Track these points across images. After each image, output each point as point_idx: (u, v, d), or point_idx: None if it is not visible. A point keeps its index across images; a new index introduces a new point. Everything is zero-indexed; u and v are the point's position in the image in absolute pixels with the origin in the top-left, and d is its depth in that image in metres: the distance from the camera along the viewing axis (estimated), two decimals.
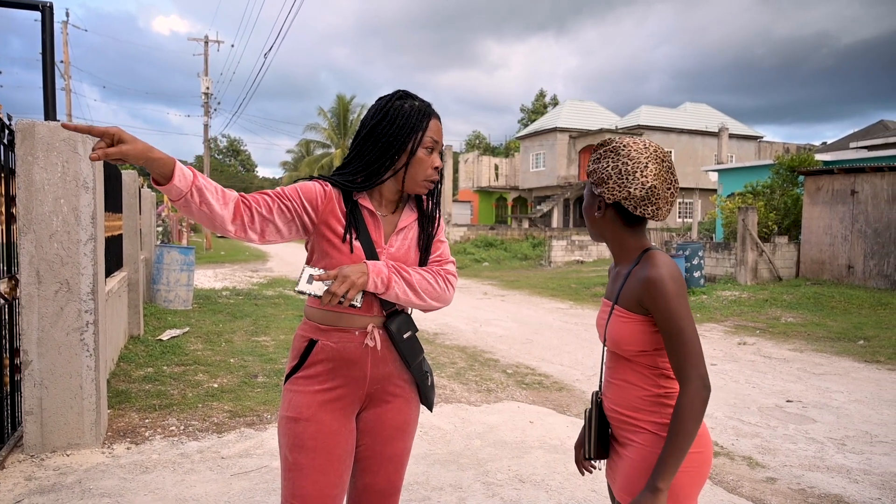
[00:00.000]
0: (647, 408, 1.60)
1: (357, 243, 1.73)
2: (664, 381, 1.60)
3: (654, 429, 1.58)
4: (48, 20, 3.96)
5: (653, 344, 1.58)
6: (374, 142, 1.74)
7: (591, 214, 1.70)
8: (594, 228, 1.72)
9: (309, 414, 1.72)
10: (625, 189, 1.58)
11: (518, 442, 4.15)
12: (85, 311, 3.75)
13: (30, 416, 3.69)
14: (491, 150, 55.15)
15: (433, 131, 1.75)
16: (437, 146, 1.77)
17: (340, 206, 1.75)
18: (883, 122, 28.37)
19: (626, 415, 1.63)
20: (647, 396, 1.60)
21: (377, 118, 1.74)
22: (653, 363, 1.60)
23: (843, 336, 8.25)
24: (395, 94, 1.79)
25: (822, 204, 12.90)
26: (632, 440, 1.62)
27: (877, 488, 3.56)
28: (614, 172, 1.59)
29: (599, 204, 1.66)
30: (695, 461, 1.57)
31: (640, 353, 1.59)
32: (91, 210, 3.77)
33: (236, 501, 3.18)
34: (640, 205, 1.59)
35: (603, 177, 1.61)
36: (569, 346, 7.67)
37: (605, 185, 1.61)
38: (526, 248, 23.45)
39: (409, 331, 1.81)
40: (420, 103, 1.77)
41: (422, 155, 1.74)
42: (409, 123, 1.72)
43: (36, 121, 3.66)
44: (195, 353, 6.53)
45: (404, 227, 1.83)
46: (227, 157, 79.26)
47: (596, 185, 1.64)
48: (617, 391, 1.66)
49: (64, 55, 29.20)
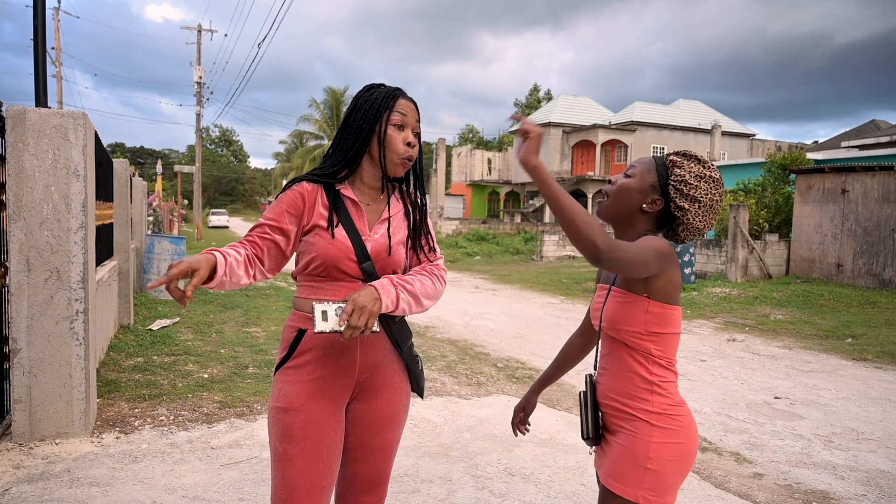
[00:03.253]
0: (639, 395, 1.62)
1: (340, 231, 1.74)
2: (657, 368, 1.62)
3: (645, 416, 1.61)
4: (40, 6, 3.92)
5: (647, 326, 1.59)
6: (348, 131, 1.80)
7: (633, 198, 1.67)
8: (622, 207, 1.68)
9: (298, 404, 1.73)
10: (703, 221, 1.64)
11: (508, 435, 4.16)
12: (75, 300, 3.73)
13: (18, 405, 3.67)
14: (484, 143, 55.12)
15: (401, 108, 1.78)
16: (407, 122, 1.79)
17: (322, 200, 1.77)
18: (875, 122, 28.53)
19: (618, 401, 1.65)
20: (640, 384, 1.62)
21: (350, 109, 1.82)
22: (646, 349, 1.61)
23: (831, 334, 8.32)
24: (366, 86, 1.84)
25: (813, 202, 12.98)
26: (622, 427, 1.64)
27: (862, 485, 3.60)
28: (709, 202, 1.63)
29: (656, 201, 1.66)
30: (679, 451, 1.59)
31: (635, 334, 1.61)
32: (82, 198, 3.74)
33: (226, 491, 3.18)
34: (691, 233, 1.66)
35: (696, 197, 1.62)
36: (559, 340, 7.70)
37: (693, 205, 1.63)
38: (518, 243, 23.48)
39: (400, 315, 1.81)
40: (388, 88, 1.81)
41: (392, 133, 1.76)
42: (375, 106, 1.77)
43: (27, 107, 3.63)
44: (185, 343, 6.50)
45: (389, 216, 1.83)
46: (219, 147, 78.86)
47: (681, 195, 1.63)
48: (610, 378, 1.68)
49: (55, 42, 28.92)
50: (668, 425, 1.60)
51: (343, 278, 1.75)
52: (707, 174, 1.63)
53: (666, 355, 1.63)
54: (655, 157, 1.71)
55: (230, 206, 66.02)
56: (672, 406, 1.62)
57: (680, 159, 1.67)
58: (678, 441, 1.59)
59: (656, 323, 1.60)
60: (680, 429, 1.61)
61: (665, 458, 1.57)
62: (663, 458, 1.57)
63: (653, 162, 1.70)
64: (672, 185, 1.65)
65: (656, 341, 1.61)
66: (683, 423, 1.62)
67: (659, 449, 1.58)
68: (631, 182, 1.68)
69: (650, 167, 1.68)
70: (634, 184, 1.67)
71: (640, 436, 1.59)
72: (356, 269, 1.75)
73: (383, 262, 1.78)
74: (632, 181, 1.68)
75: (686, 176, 1.63)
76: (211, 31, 30.11)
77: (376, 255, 1.77)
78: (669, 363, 1.64)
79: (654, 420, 1.59)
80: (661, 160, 1.70)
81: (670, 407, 1.61)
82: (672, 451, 1.58)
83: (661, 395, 1.61)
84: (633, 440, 1.60)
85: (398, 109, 1.77)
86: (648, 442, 1.58)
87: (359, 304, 1.59)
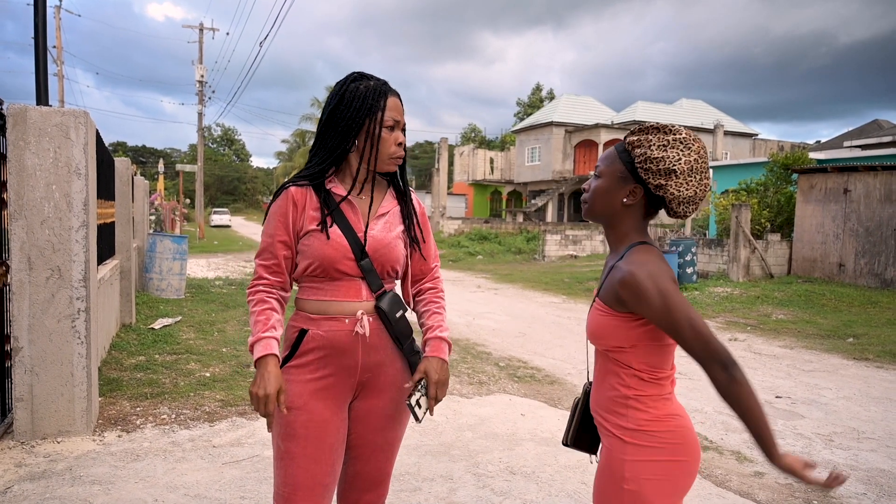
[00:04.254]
0: (614, 409, 1.53)
1: (335, 230, 1.74)
2: (636, 382, 1.51)
3: (618, 432, 1.51)
4: (41, 5, 3.92)
5: (630, 341, 1.49)
6: (333, 127, 1.75)
7: (610, 198, 1.56)
8: (604, 211, 1.58)
9: (300, 403, 1.73)
10: (691, 188, 1.48)
11: (509, 434, 4.16)
12: (76, 299, 3.74)
13: (20, 403, 3.68)
14: (486, 143, 55.07)
15: (392, 109, 1.75)
16: (397, 124, 1.77)
17: (313, 202, 1.76)
18: (877, 122, 28.48)
19: (599, 414, 1.58)
20: (616, 397, 1.53)
21: (334, 103, 1.76)
22: (627, 361, 1.51)
23: (832, 333, 8.31)
24: (349, 76, 1.79)
25: (815, 202, 12.96)
26: (603, 443, 1.57)
27: (863, 484, 3.59)
28: (686, 167, 1.47)
29: (634, 191, 1.53)
30: (661, 470, 1.49)
31: (616, 348, 1.52)
32: (83, 197, 3.74)
33: (227, 490, 3.18)
34: (684, 204, 1.50)
35: (669, 168, 1.47)
36: (561, 340, 7.70)
37: (670, 178, 1.48)
38: (520, 242, 23.45)
39: (400, 310, 1.81)
40: (375, 83, 1.77)
41: (384, 135, 1.74)
42: (365, 104, 1.73)
43: (28, 105, 3.63)
44: (187, 342, 6.51)
45: (385, 212, 1.83)
46: (221, 146, 78.89)
47: (652, 173, 1.49)
48: (595, 390, 1.61)
49: (57, 40, 28.94)
50: (643, 442, 1.48)
51: (341, 277, 1.75)
52: (671, 139, 1.48)
53: (651, 368, 1.51)
54: (616, 146, 1.58)
55: (232, 206, 66.08)
56: (650, 422, 1.49)
57: (637, 137, 1.53)
58: (657, 459, 1.48)
59: (639, 337, 1.49)
60: (664, 446, 1.48)
61: (642, 478, 1.47)
62: (640, 478, 1.47)
63: (614, 152, 1.57)
64: (639, 167, 1.51)
65: (639, 354, 1.50)
66: (669, 440, 1.49)
67: (634, 468, 1.47)
68: (602, 183, 1.58)
69: (613, 159, 1.56)
70: (604, 184, 1.57)
71: (615, 453, 1.51)
72: (354, 268, 1.75)
73: (381, 257, 1.77)
74: (601, 182, 1.58)
75: (648, 151, 1.49)
76: (213, 29, 30.15)
77: (374, 252, 1.76)
78: (655, 377, 1.52)
79: (627, 437, 1.49)
80: (622, 146, 1.57)
81: (647, 423, 1.49)
82: (651, 469, 1.47)
83: (638, 410, 1.50)
84: (609, 457, 1.52)
85: (390, 108, 1.74)
86: (622, 460, 1.49)
87: (437, 381, 1.77)
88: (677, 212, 1.54)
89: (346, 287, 1.75)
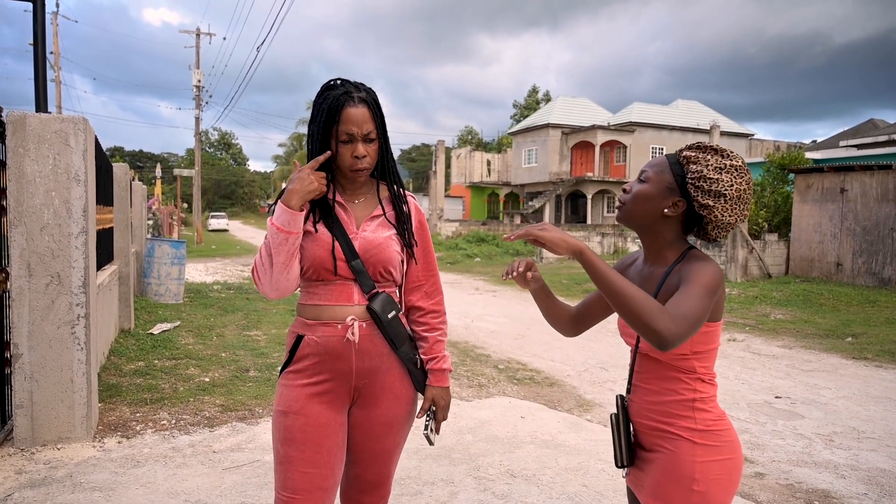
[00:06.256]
0: (682, 413, 1.54)
1: (323, 230, 1.76)
2: (700, 385, 1.54)
3: (688, 435, 1.53)
4: (40, 12, 3.93)
5: (692, 347, 1.50)
6: (310, 139, 1.79)
7: (651, 205, 1.55)
8: (642, 216, 1.58)
9: (297, 407, 1.74)
10: (733, 215, 1.51)
11: (509, 437, 4.16)
12: (76, 305, 3.74)
13: (20, 410, 3.68)
14: (483, 145, 55.14)
15: (347, 122, 1.70)
16: (355, 133, 1.72)
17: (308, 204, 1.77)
18: (873, 121, 28.57)
19: (657, 420, 1.57)
20: (682, 401, 1.54)
21: (311, 114, 1.80)
22: (690, 367, 1.53)
23: (831, 333, 8.33)
24: (324, 84, 1.78)
25: (812, 202, 12.99)
26: (663, 447, 1.56)
27: (863, 483, 3.60)
28: (735, 194, 1.49)
29: (677, 203, 1.54)
30: (725, 469, 1.51)
31: (679, 356, 1.53)
32: (82, 203, 3.75)
33: (228, 495, 3.18)
34: (721, 229, 1.53)
35: (720, 191, 1.49)
36: (560, 341, 7.70)
37: (718, 201, 1.49)
38: (518, 244, 23.47)
39: (392, 310, 1.80)
40: (336, 93, 1.73)
41: (341, 149, 1.73)
42: (326, 119, 1.72)
43: (28, 112, 3.64)
44: (186, 347, 6.51)
45: (379, 214, 1.84)
46: (218, 150, 78.88)
47: (703, 192, 1.51)
48: (647, 396, 1.60)
49: (54, 46, 28.92)
50: (712, 442, 1.52)
51: (334, 280, 1.75)
52: (728, 164, 1.50)
53: (708, 371, 1.56)
54: (668, 156, 1.58)
55: (230, 210, 65.94)
56: (715, 421, 1.54)
57: (695, 154, 1.53)
58: (723, 458, 1.52)
59: (702, 342, 1.52)
60: (724, 444, 1.53)
61: (711, 478, 1.50)
62: (709, 478, 1.50)
63: (666, 162, 1.57)
64: (691, 183, 1.51)
65: (701, 358, 1.53)
66: (727, 438, 1.54)
67: (704, 468, 1.50)
68: (646, 188, 1.56)
69: (664, 168, 1.55)
70: (650, 189, 1.55)
71: (684, 456, 1.51)
72: (345, 269, 1.75)
73: (373, 257, 1.77)
74: (647, 187, 1.56)
75: (704, 171, 1.50)
76: (209, 34, 30.12)
77: (364, 252, 1.77)
78: (711, 378, 1.57)
79: (698, 438, 1.52)
80: (675, 158, 1.57)
81: (713, 422, 1.54)
82: (718, 469, 1.51)
83: (704, 411, 1.54)
84: (677, 460, 1.52)
85: (344, 122, 1.71)
86: (693, 462, 1.50)
87: (442, 407, 1.92)
88: (710, 235, 1.56)
89: (338, 291, 1.75)
